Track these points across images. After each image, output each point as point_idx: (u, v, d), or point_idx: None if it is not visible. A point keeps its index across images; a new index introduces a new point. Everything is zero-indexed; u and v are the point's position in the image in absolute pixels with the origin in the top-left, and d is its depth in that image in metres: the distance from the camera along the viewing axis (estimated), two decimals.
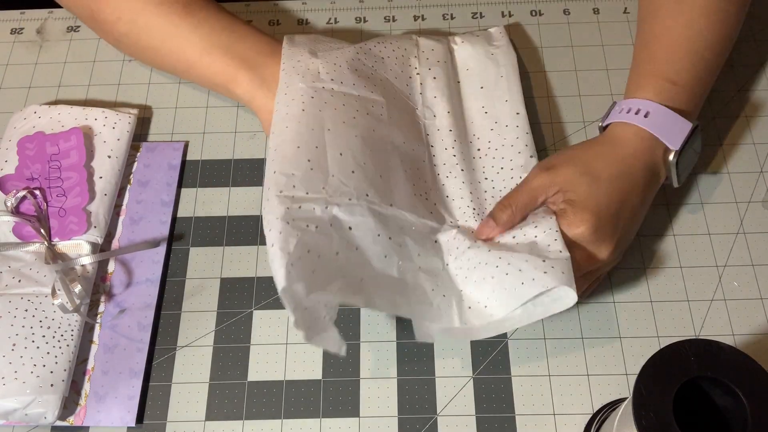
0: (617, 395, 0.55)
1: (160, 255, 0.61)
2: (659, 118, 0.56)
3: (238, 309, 0.59)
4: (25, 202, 0.61)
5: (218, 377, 0.57)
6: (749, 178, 0.64)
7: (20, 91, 0.71)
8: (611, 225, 0.54)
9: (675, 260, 0.60)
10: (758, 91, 0.69)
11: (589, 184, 0.54)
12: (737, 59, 0.70)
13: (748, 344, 0.57)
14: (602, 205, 0.54)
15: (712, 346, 0.42)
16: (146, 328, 0.58)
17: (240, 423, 0.55)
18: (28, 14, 0.76)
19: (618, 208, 0.54)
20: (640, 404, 0.40)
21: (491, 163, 0.61)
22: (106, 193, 0.62)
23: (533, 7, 0.75)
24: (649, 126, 0.56)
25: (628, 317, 0.58)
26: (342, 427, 0.55)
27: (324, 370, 0.57)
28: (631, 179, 0.55)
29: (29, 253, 0.59)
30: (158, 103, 0.69)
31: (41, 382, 0.53)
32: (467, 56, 0.68)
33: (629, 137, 0.56)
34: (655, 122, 0.56)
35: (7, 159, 0.63)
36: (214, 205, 0.64)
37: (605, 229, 0.54)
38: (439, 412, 0.55)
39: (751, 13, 0.73)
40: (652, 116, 0.56)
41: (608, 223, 0.54)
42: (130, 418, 0.55)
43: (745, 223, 0.62)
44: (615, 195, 0.54)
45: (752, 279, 0.59)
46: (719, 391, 0.43)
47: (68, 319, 0.56)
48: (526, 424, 0.54)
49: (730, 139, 0.66)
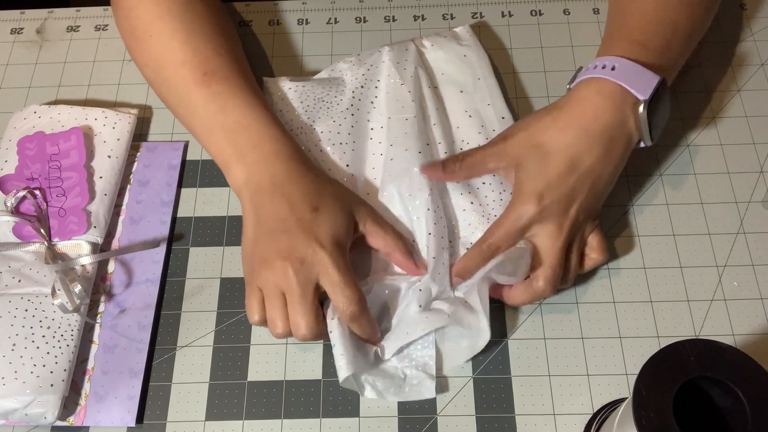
0: (617, 395, 0.55)
1: (160, 255, 0.61)
2: (626, 69, 0.54)
3: (238, 309, 0.59)
4: (25, 202, 0.61)
5: (218, 377, 0.57)
6: (749, 178, 0.64)
7: (20, 91, 0.71)
8: (561, 197, 0.54)
9: (675, 260, 0.60)
10: (758, 91, 0.69)
11: (538, 158, 0.55)
12: (737, 59, 0.70)
13: (748, 344, 0.57)
14: (550, 179, 0.54)
15: (712, 346, 0.42)
16: (146, 328, 0.58)
17: (240, 423, 0.55)
18: (28, 14, 0.76)
19: (569, 177, 0.54)
20: (640, 404, 0.40)
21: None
22: (106, 193, 0.62)
23: (533, 7, 0.75)
24: (615, 77, 0.54)
25: (628, 317, 0.58)
26: (342, 427, 0.55)
27: (324, 370, 0.57)
28: (585, 143, 0.54)
29: (29, 253, 0.59)
30: (158, 103, 0.69)
31: (41, 382, 0.53)
32: (439, 60, 0.68)
33: (590, 96, 0.55)
34: (622, 73, 0.54)
35: (7, 159, 0.63)
36: (214, 205, 0.64)
37: (554, 203, 0.54)
38: (439, 412, 0.55)
39: (751, 13, 0.74)
40: (619, 69, 0.55)
41: (557, 195, 0.54)
42: (130, 418, 0.54)
43: (745, 223, 0.62)
44: (564, 164, 0.54)
45: (752, 279, 0.59)
46: (719, 391, 0.43)
47: (68, 319, 0.56)
48: (526, 424, 0.54)
49: (730, 139, 0.66)
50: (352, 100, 0.65)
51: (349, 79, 0.67)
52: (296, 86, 0.66)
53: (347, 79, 0.67)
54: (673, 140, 0.66)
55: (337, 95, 0.66)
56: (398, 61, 0.66)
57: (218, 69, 0.59)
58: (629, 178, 0.64)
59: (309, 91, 0.66)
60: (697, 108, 0.68)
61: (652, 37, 0.57)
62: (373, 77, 0.66)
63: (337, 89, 0.66)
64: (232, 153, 0.57)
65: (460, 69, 0.67)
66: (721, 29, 0.72)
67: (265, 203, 0.55)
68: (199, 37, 0.60)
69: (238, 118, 0.58)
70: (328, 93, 0.66)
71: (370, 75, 0.66)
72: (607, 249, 0.57)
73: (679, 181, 0.64)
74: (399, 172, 0.60)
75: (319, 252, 0.52)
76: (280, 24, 0.75)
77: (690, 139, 0.66)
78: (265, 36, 0.71)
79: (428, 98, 0.65)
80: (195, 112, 0.59)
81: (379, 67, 0.67)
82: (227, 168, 0.58)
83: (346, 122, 0.64)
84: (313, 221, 0.53)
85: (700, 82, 0.69)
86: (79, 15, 0.76)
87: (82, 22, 0.75)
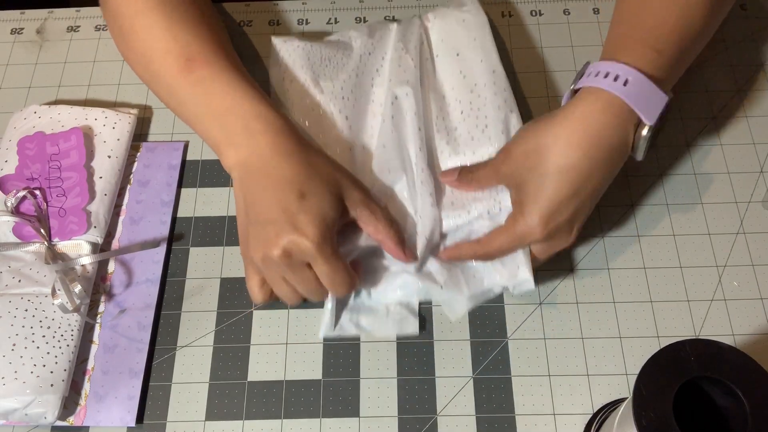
0: (617, 395, 0.55)
1: (160, 255, 0.61)
2: (638, 88, 0.52)
3: (238, 309, 0.59)
4: (25, 202, 0.61)
5: (218, 377, 0.57)
6: (749, 178, 0.64)
7: (20, 91, 0.71)
8: (566, 220, 0.54)
9: (675, 260, 0.60)
10: (758, 91, 0.69)
11: (539, 180, 0.53)
12: (737, 58, 0.70)
13: (748, 344, 0.57)
14: (554, 203, 0.53)
15: (712, 346, 0.42)
16: (146, 328, 0.58)
17: (240, 423, 0.55)
18: (28, 14, 0.76)
19: (574, 199, 0.53)
20: (640, 404, 0.40)
21: (474, 123, 0.63)
22: (106, 193, 0.62)
23: (533, 7, 0.75)
24: (626, 96, 0.52)
25: (628, 317, 0.58)
26: (342, 427, 0.55)
27: (324, 370, 0.57)
28: (589, 165, 0.53)
29: (29, 253, 0.59)
30: (158, 103, 0.69)
31: (41, 382, 0.53)
32: (440, 29, 0.69)
33: (598, 112, 0.52)
34: (633, 93, 0.52)
35: (7, 159, 0.63)
36: (214, 205, 0.64)
37: (560, 225, 0.54)
38: (439, 412, 0.55)
39: (751, 13, 0.74)
40: (631, 85, 0.52)
41: (562, 218, 0.53)
42: (130, 418, 0.55)
43: (745, 223, 0.62)
44: (567, 188, 0.53)
45: (752, 279, 0.59)
46: (719, 391, 0.43)
47: (68, 319, 0.56)
48: (526, 424, 0.54)
49: (730, 139, 0.66)
50: (359, 63, 0.67)
51: (357, 46, 0.68)
52: (305, 45, 0.67)
53: (356, 45, 0.68)
54: (673, 140, 0.66)
55: (344, 57, 0.67)
56: (404, 34, 0.68)
57: (200, 54, 0.59)
58: (629, 178, 0.64)
59: (317, 50, 0.67)
60: (697, 108, 0.68)
61: (668, 44, 0.54)
62: (380, 47, 0.68)
63: (344, 52, 0.67)
64: (222, 136, 0.57)
65: (458, 33, 0.68)
66: (721, 29, 0.72)
67: (253, 188, 0.55)
68: (179, 25, 0.60)
69: (224, 100, 0.57)
70: (335, 54, 0.67)
71: (377, 44, 0.68)
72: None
73: (679, 181, 0.64)
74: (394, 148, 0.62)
75: (304, 243, 0.52)
76: (280, 24, 0.75)
77: (690, 139, 0.66)
78: (265, 36, 0.71)
79: (429, 70, 0.66)
80: (183, 100, 0.59)
81: (387, 39, 0.68)
82: (219, 151, 0.57)
83: (350, 80, 0.65)
84: (299, 209, 0.53)
85: (700, 82, 0.69)
86: (79, 15, 0.76)
87: (82, 22, 0.75)
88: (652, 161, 0.65)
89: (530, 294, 0.59)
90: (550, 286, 0.60)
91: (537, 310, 0.59)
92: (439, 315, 0.59)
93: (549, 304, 0.59)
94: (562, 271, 0.60)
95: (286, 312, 0.59)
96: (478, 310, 0.59)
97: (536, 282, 0.56)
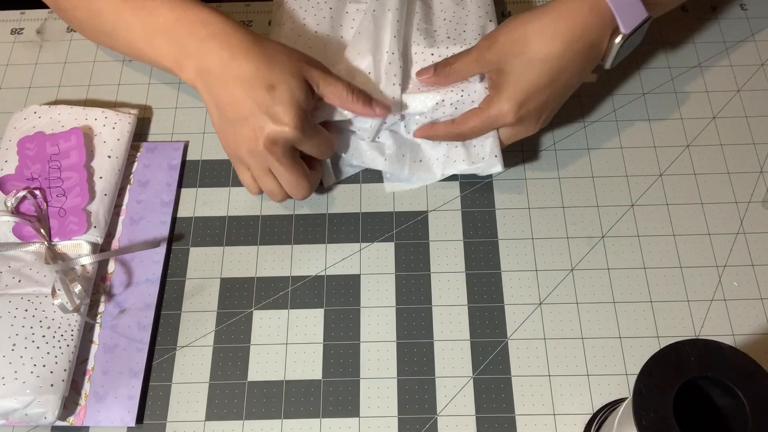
0: (617, 395, 0.55)
1: (160, 255, 0.61)
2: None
3: (238, 309, 0.59)
4: (25, 202, 0.61)
5: (218, 377, 0.57)
6: (749, 178, 0.64)
7: (20, 91, 0.71)
8: (537, 107, 0.58)
9: (675, 260, 0.60)
10: (758, 91, 0.69)
11: (522, 66, 0.56)
12: (737, 59, 0.70)
13: (748, 344, 0.57)
14: (531, 89, 0.57)
15: (712, 346, 0.42)
16: (146, 328, 0.58)
17: (240, 423, 0.55)
18: (28, 14, 0.76)
19: (547, 89, 0.57)
20: (640, 404, 0.40)
21: (454, 27, 0.65)
22: (106, 193, 0.62)
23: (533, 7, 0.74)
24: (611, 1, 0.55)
25: (628, 317, 0.58)
26: (342, 427, 0.55)
27: (324, 370, 0.57)
28: (568, 58, 0.56)
29: (29, 253, 0.59)
30: (158, 103, 0.69)
31: (41, 382, 0.53)
32: None
33: (583, 11, 0.56)
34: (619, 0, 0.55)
35: (7, 159, 0.63)
36: (214, 205, 0.64)
37: (530, 112, 0.58)
38: (439, 412, 0.55)
39: (751, 13, 0.74)
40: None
41: (534, 105, 0.57)
42: (130, 418, 0.55)
43: (745, 223, 0.62)
44: (546, 76, 0.56)
45: (752, 279, 0.59)
46: (719, 391, 0.43)
47: (68, 319, 0.56)
48: (526, 424, 0.54)
49: (730, 139, 0.66)
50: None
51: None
52: None
53: None
54: (673, 140, 0.66)
55: None
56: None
57: None
58: (629, 177, 0.64)
59: None
60: (697, 108, 0.68)
61: None
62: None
63: None
64: (175, 50, 0.57)
65: None
66: (721, 29, 0.72)
67: (221, 92, 0.56)
68: None
69: (168, 14, 0.57)
70: None
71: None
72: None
73: (679, 181, 0.64)
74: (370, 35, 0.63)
75: (285, 130, 0.54)
76: None
77: (690, 139, 0.66)
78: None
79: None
80: (131, 29, 0.59)
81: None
82: (179, 68, 0.58)
83: None
84: (272, 101, 0.54)
85: (700, 82, 0.69)
86: None
87: None
88: (652, 161, 0.65)
89: (529, 294, 0.59)
90: (550, 286, 0.60)
91: (537, 310, 0.59)
92: (439, 315, 0.59)
93: (549, 304, 0.59)
94: (562, 271, 0.60)
95: (286, 312, 0.59)
96: (478, 310, 0.59)
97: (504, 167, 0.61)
